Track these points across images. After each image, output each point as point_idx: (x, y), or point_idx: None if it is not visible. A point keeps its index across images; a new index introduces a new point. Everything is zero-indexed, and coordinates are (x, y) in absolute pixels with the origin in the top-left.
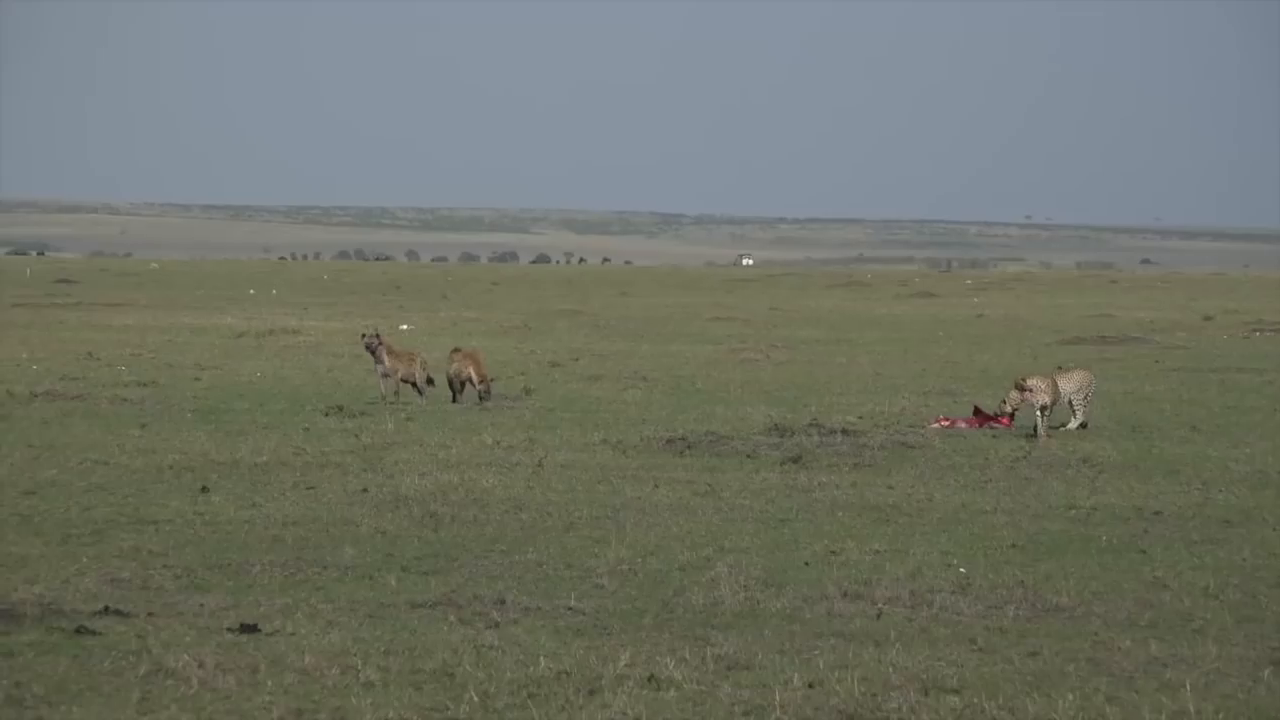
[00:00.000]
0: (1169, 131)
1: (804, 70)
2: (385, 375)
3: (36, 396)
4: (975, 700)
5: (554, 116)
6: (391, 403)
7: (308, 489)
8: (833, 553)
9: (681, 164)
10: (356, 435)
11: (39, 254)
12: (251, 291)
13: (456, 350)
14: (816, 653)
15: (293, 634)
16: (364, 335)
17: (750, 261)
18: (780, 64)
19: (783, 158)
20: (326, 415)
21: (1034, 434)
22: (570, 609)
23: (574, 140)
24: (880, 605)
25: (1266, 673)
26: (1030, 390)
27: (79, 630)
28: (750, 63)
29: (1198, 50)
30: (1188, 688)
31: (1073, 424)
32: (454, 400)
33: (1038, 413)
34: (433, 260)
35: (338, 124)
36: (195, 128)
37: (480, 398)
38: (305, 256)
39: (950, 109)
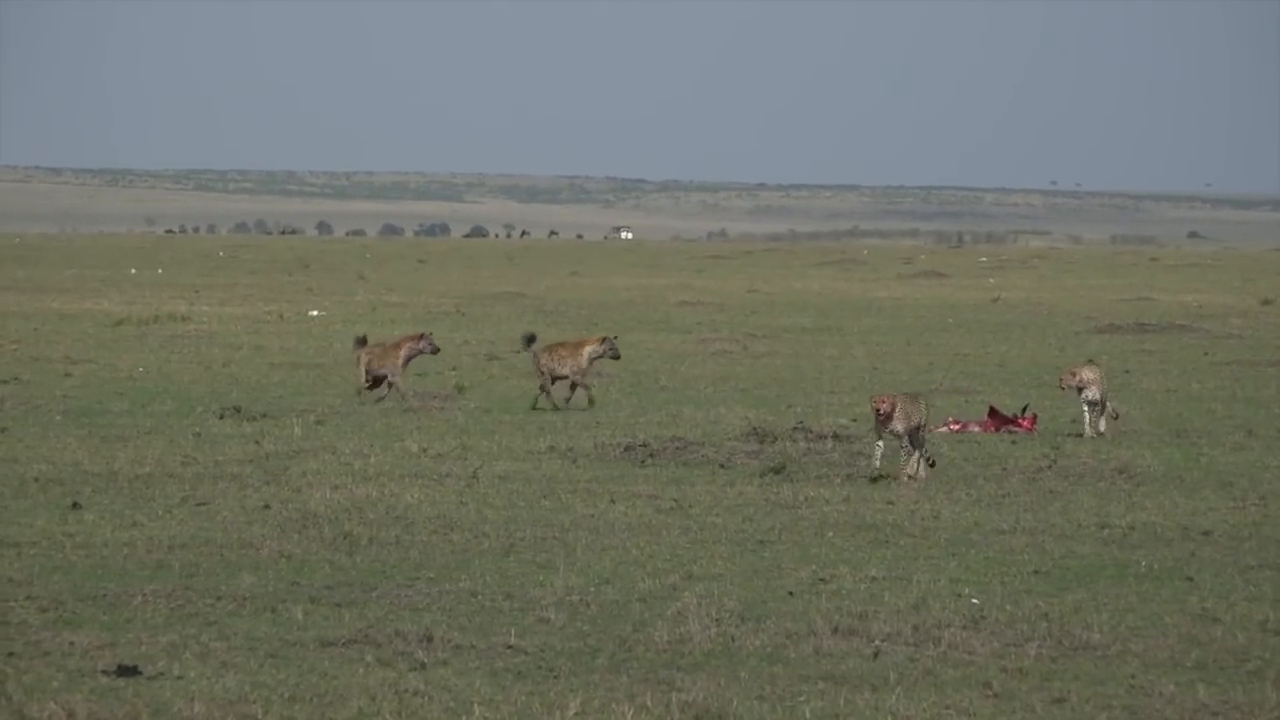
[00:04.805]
0: (1220, 82)
1: (789, 9)
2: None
3: None
4: None
5: (492, 63)
6: (398, 401)
7: (198, 505)
8: (821, 580)
9: (644, 121)
10: (257, 441)
11: None
12: (133, 271)
13: (561, 344)
14: (802, 699)
15: (180, 677)
16: (426, 335)
17: (630, 235)
18: (761, 1)
19: (764, 113)
20: (221, 418)
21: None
22: (510, 647)
23: (516, 93)
24: (878, 643)
25: None
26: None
27: None
28: (725, 1)
29: None
30: None
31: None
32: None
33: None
34: (348, 234)
35: (234, 72)
36: (66, 79)
37: (615, 357)
38: (197, 229)
39: (962, 56)
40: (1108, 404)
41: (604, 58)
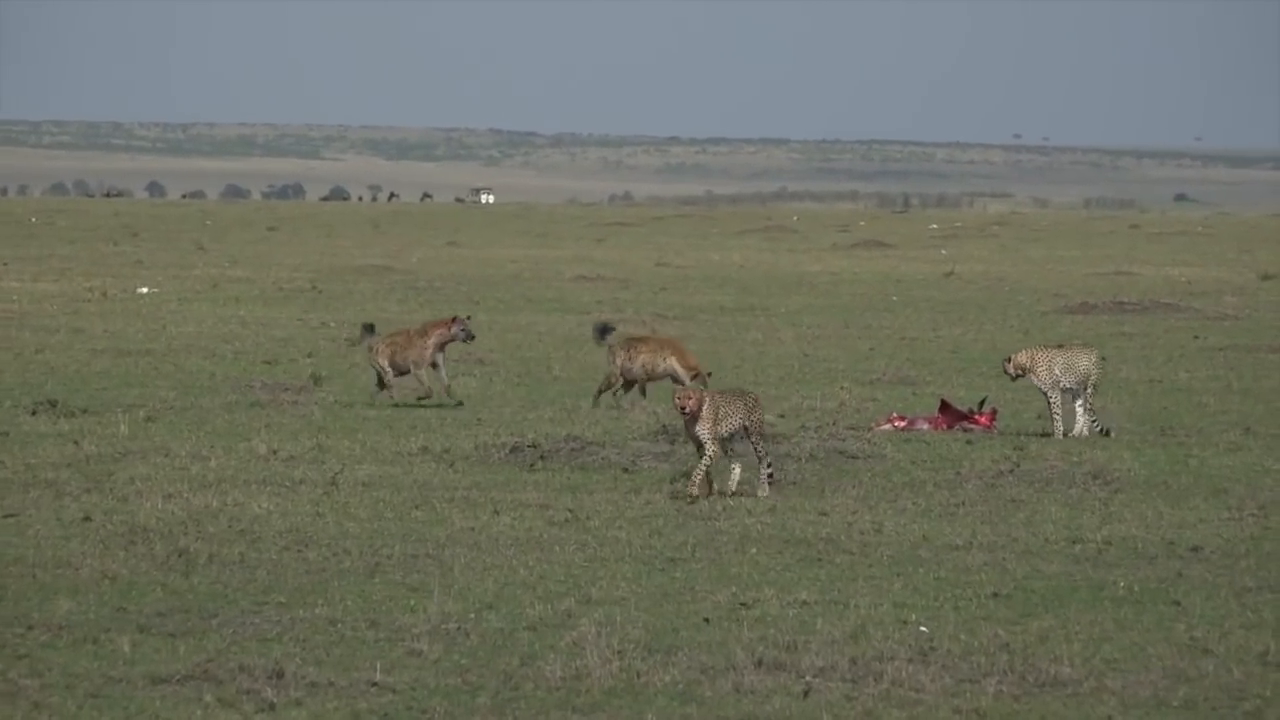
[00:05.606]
0: (1210, 20)
1: None
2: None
3: None
4: None
5: None
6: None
7: (6, 517)
8: (743, 605)
9: (534, 64)
10: (76, 441)
11: None
12: None
13: (641, 340)
14: None
15: None
16: (459, 318)
17: (491, 199)
18: None
19: (675, 54)
20: (34, 414)
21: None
22: (375, 684)
23: (383, 30)
24: (809, 678)
25: None
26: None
27: None
28: None
29: None
30: None
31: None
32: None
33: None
34: (184, 196)
35: (49, 5)
36: None
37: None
38: (5, 191)
39: None
40: (1082, 411)
41: None
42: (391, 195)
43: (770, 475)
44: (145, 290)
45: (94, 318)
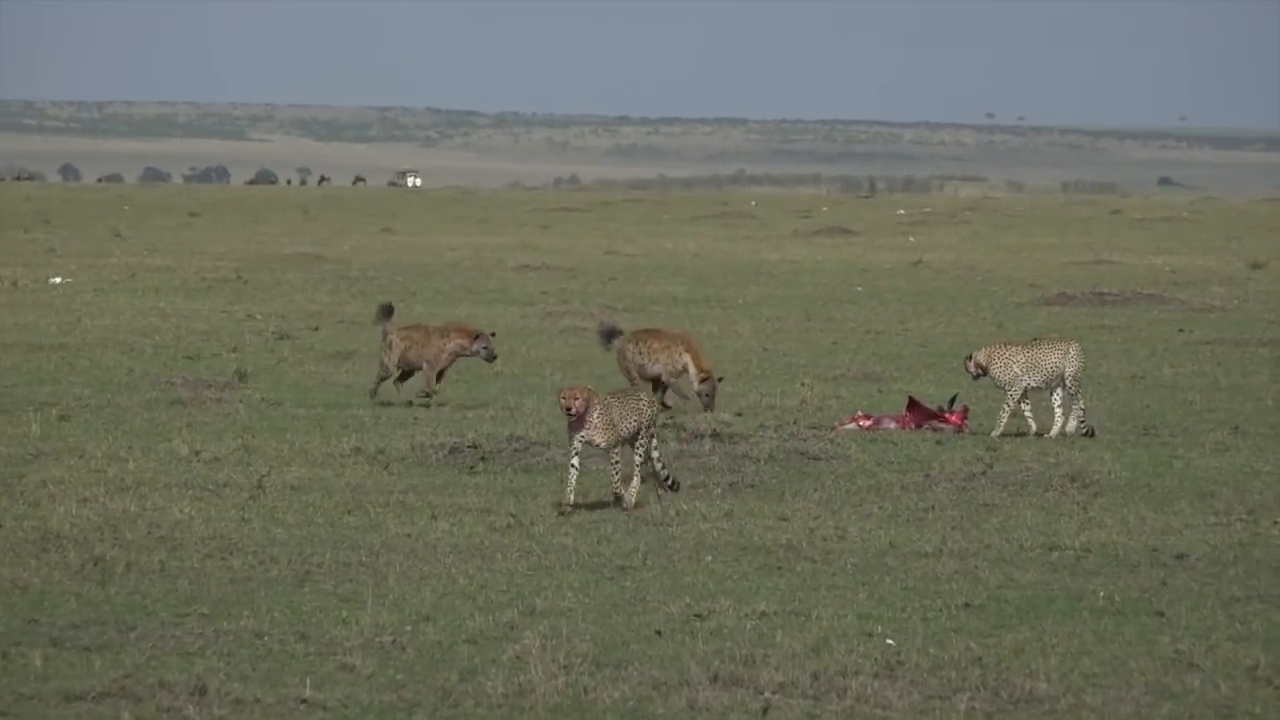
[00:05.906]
0: None
1: None
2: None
3: None
4: None
5: None
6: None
7: None
8: (697, 616)
9: (474, 39)
10: None
11: None
12: None
13: (652, 333)
14: None
15: None
16: (485, 335)
17: (418, 181)
18: None
19: (624, 29)
20: None
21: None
22: (304, 701)
23: (312, 2)
24: (768, 694)
25: None
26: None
27: None
28: None
29: None
30: None
31: (1056, 427)
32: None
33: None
34: (100, 180)
35: None
36: None
37: (705, 406)
38: None
39: None
40: (1059, 410)
41: None
42: (322, 179)
43: (672, 484)
44: (58, 280)
45: (3, 309)
